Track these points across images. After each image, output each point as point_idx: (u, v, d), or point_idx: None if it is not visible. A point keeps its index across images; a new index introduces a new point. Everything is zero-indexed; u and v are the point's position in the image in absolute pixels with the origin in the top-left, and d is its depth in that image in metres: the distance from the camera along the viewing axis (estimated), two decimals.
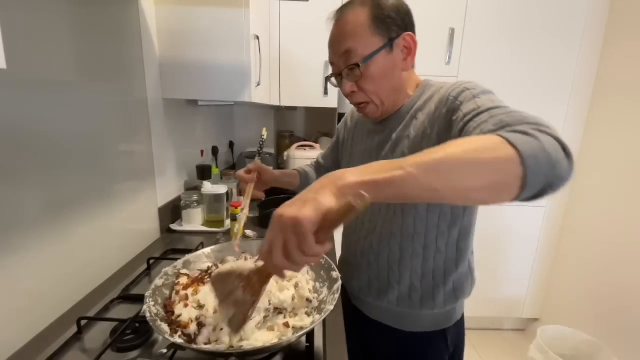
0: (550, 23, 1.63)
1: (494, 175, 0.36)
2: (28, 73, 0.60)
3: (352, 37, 0.62)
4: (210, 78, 1.05)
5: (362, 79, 0.64)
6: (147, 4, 0.98)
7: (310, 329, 0.51)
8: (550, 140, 0.37)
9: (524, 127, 0.39)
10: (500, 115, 0.44)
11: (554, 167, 0.36)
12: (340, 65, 0.66)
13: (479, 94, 0.54)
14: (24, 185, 0.60)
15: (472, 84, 0.57)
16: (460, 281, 0.72)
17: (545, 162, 0.35)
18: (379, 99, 0.67)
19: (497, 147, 0.36)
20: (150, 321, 0.48)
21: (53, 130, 0.67)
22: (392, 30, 0.63)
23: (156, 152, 1.07)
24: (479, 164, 0.36)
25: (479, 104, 0.50)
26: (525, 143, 0.35)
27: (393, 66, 0.65)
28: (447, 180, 0.36)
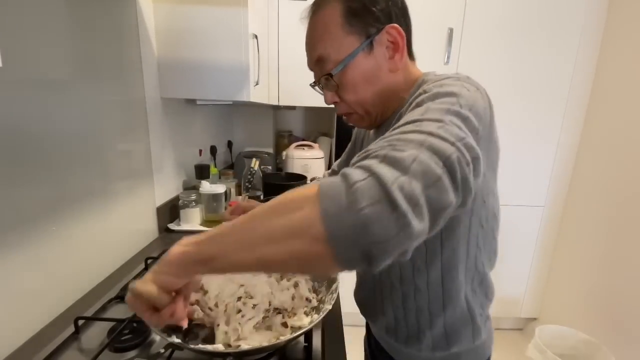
0: (549, 23, 1.64)
1: (293, 241, 0.28)
2: (25, 72, 0.60)
3: (323, 40, 0.52)
4: (209, 78, 1.05)
5: (340, 89, 0.54)
6: (145, 3, 0.98)
7: (308, 329, 0.50)
8: (372, 189, 0.26)
9: (360, 165, 0.29)
10: (381, 141, 0.33)
11: (364, 231, 0.26)
12: (317, 73, 0.57)
13: (424, 100, 0.40)
14: (21, 184, 0.60)
15: (448, 82, 0.44)
16: (455, 327, 0.59)
17: (348, 223, 0.26)
18: (363, 109, 0.56)
19: (302, 202, 0.28)
20: None
21: (50, 130, 0.66)
22: (370, 24, 0.51)
23: (154, 152, 1.07)
24: (278, 225, 0.29)
25: (407, 119, 0.37)
26: (330, 195, 0.27)
27: (376, 68, 0.53)
28: (247, 251, 0.30)
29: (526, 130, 1.75)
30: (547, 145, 1.77)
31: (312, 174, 1.74)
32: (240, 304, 0.55)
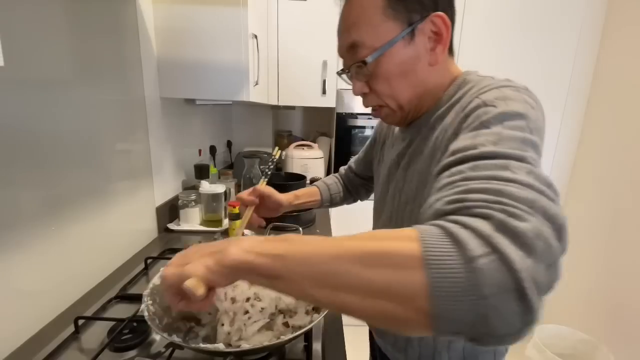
0: (547, 22, 1.64)
1: (388, 303, 0.25)
2: (25, 72, 0.60)
3: (359, 25, 0.47)
4: (208, 77, 1.05)
5: (372, 79, 0.50)
6: (145, 3, 0.98)
7: (308, 328, 0.51)
8: (497, 274, 0.22)
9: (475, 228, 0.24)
10: (475, 183, 0.29)
11: (485, 320, 0.22)
12: (347, 61, 0.51)
13: (492, 120, 0.36)
14: (20, 184, 0.60)
15: (497, 96, 0.40)
16: (475, 351, 0.55)
17: (467, 310, 0.22)
18: (396, 103, 0.51)
19: (404, 262, 0.24)
20: (149, 320, 0.48)
21: (50, 129, 0.66)
22: (414, 10, 0.46)
23: (154, 152, 1.07)
24: (370, 280, 0.25)
25: (477, 143, 0.34)
26: (444, 270, 0.22)
27: (415, 59, 0.48)
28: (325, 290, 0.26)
29: None
30: (546, 145, 1.77)
31: (312, 174, 1.74)
32: (249, 305, 0.54)
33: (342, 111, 1.78)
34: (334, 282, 0.26)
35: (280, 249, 0.28)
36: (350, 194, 0.87)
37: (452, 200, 0.28)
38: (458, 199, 0.28)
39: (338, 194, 0.84)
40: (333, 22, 0.55)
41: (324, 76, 1.71)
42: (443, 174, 0.34)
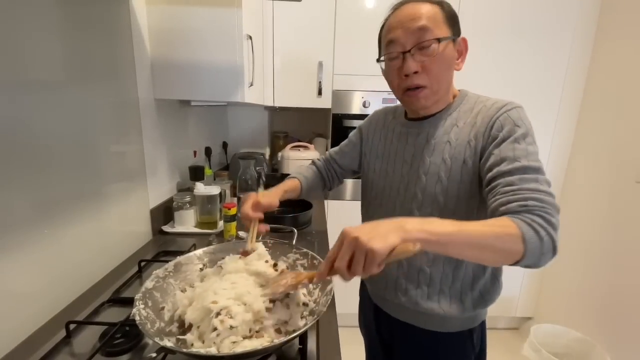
0: (542, 26, 1.65)
1: (503, 257, 0.51)
2: (17, 73, 0.59)
3: (429, 17, 0.63)
4: (203, 78, 1.05)
5: (432, 60, 0.64)
6: (138, 4, 0.97)
7: (302, 331, 0.50)
8: (548, 244, 0.50)
9: (539, 223, 0.50)
10: (526, 193, 0.53)
11: (539, 261, 0.51)
12: (409, 43, 0.64)
13: (519, 138, 0.59)
14: (12, 186, 0.59)
15: (517, 117, 0.62)
16: (487, 287, 0.72)
17: (536, 257, 0.50)
18: (438, 86, 0.67)
19: (515, 241, 0.49)
20: (140, 325, 0.48)
21: (43, 131, 0.65)
22: (455, 29, 0.67)
23: (148, 153, 1.06)
24: (498, 249, 0.49)
25: (516, 155, 0.57)
26: (533, 244, 0.49)
27: (452, 60, 0.67)
28: (475, 253, 0.50)
29: None
30: (541, 146, 1.78)
31: None
32: (218, 321, 0.50)
33: (338, 112, 1.78)
34: (480, 247, 0.49)
35: (446, 229, 0.47)
36: (325, 184, 0.99)
37: (521, 205, 0.52)
38: (524, 205, 0.52)
39: (314, 186, 0.96)
40: (329, 23, 0.59)
41: (319, 77, 1.71)
42: (500, 179, 0.57)
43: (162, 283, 0.63)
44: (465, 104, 0.70)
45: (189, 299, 0.59)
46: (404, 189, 0.73)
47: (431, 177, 0.68)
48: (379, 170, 0.80)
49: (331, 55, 1.69)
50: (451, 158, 0.66)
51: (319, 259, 0.69)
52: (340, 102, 1.76)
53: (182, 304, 0.59)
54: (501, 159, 0.58)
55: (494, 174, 0.58)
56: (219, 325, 0.48)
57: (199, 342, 0.50)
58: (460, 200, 0.66)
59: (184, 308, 0.58)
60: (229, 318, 0.50)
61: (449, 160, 0.67)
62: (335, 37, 1.66)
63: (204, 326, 0.52)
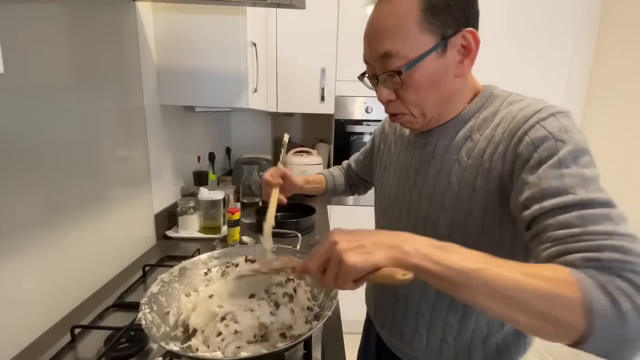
0: (543, 27, 1.66)
1: (549, 328, 0.33)
2: (25, 79, 0.60)
3: (394, 35, 0.48)
4: (208, 84, 1.06)
5: (402, 88, 0.51)
6: (145, 12, 0.99)
7: (307, 336, 0.50)
8: (636, 325, 0.31)
9: (619, 287, 0.32)
10: (598, 238, 0.35)
11: (621, 351, 0.32)
12: (377, 68, 0.52)
13: (567, 159, 0.41)
14: (19, 191, 0.60)
15: (560, 127, 0.43)
16: (507, 342, 0.58)
17: (614, 345, 0.32)
18: (420, 112, 0.53)
19: (569, 306, 0.32)
20: (146, 329, 0.48)
21: (50, 137, 0.66)
22: (448, 25, 0.47)
23: (153, 159, 1.07)
24: (539, 311, 0.33)
25: (567, 185, 0.39)
26: (605, 318, 0.31)
27: (444, 72, 0.50)
28: (499, 307, 0.34)
29: None
30: None
31: None
32: (222, 325, 0.50)
33: (341, 117, 1.79)
34: (508, 303, 0.34)
35: (462, 265, 0.34)
36: (351, 188, 0.93)
37: (589, 258, 0.34)
38: (594, 258, 0.34)
39: (341, 186, 0.91)
40: (331, 30, 0.57)
41: (322, 83, 1.72)
42: (548, 222, 0.39)
43: (167, 287, 0.63)
44: (488, 109, 0.52)
45: (193, 303, 0.59)
46: (406, 212, 0.60)
47: (434, 204, 0.55)
48: (385, 184, 0.68)
49: (334, 61, 1.71)
50: (459, 183, 0.52)
51: None
52: (342, 107, 1.77)
53: (187, 308, 0.59)
54: (542, 192, 0.40)
55: (534, 214, 0.40)
56: (223, 330, 0.49)
57: (204, 347, 0.50)
58: (469, 238, 0.51)
59: (188, 313, 0.58)
60: (233, 323, 0.50)
61: (455, 185, 0.52)
62: (337, 44, 1.68)
63: (208, 331, 0.52)
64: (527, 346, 0.60)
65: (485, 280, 0.34)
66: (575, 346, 0.33)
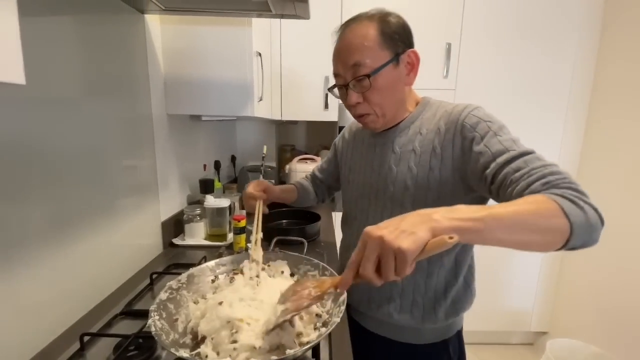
0: (545, 32, 1.67)
1: (549, 237, 0.45)
2: (37, 91, 0.62)
3: (361, 50, 0.64)
4: (215, 94, 1.08)
5: (369, 91, 0.66)
6: (153, 24, 1.02)
7: (316, 342, 0.50)
8: (592, 214, 0.46)
9: (571, 194, 0.46)
10: (542, 170, 0.50)
11: (591, 235, 0.46)
12: (348, 77, 0.67)
13: (498, 131, 0.59)
14: (28, 200, 0.61)
15: (483, 113, 0.62)
16: (459, 295, 0.73)
17: (587, 232, 0.45)
18: (382, 111, 0.69)
19: (555, 215, 0.44)
20: (156, 335, 0.48)
21: (59, 147, 0.68)
22: (398, 46, 0.65)
23: (160, 167, 1.08)
24: (541, 227, 0.44)
25: (506, 146, 0.56)
26: (577, 216, 0.44)
27: (398, 80, 0.67)
28: (514, 236, 0.44)
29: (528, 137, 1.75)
30: (550, 150, 1.77)
31: None
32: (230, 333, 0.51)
33: (345, 124, 1.79)
34: (521, 228, 0.43)
35: (477, 214, 0.42)
36: (317, 195, 1.07)
37: (543, 183, 0.49)
38: (546, 182, 0.49)
39: (309, 194, 1.04)
40: (333, 39, 0.63)
41: (326, 91, 1.74)
42: (506, 168, 0.54)
43: (176, 295, 0.63)
44: (428, 111, 0.71)
45: (202, 310, 0.59)
46: (374, 198, 0.74)
47: (398, 185, 0.70)
48: (352, 182, 0.83)
49: None
50: (417, 166, 0.67)
51: (330, 269, 0.69)
52: (346, 114, 1.79)
53: (195, 315, 0.59)
54: (492, 154, 0.57)
55: (493, 169, 0.56)
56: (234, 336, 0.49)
57: (214, 354, 0.50)
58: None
59: (196, 320, 0.58)
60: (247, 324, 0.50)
61: (414, 169, 0.68)
62: None
63: (218, 337, 0.52)
64: (472, 296, 0.75)
65: (498, 219, 0.42)
66: (566, 246, 0.45)
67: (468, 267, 0.75)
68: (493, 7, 1.66)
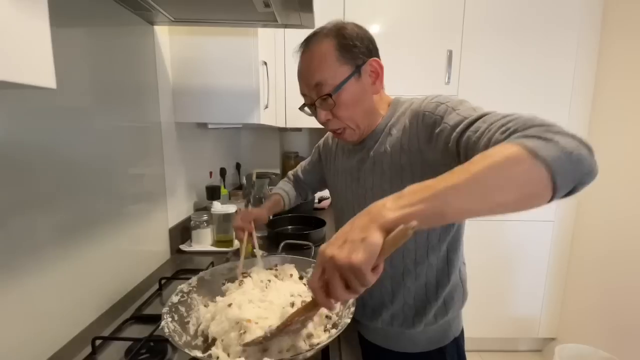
0: (545, 36, 1.68)
1: (525, 188, 0.37)
2: (50, 100, 0.64)
3: (321, 69, 0.64)
4: (222, 102, 1.10)
5: (335, 108, 0.65)
6: (162, 35, 1.05)
7: (327, 343, 0.51)
8: (567, 140, 0.37)
9: (535, 131, 0.39)
10: (501, 121, 0.45)
11: (579, 165, 0.37)
12: (313, 96, 0.67)
13: (456, 105, 0.56)
14: (40, 208, 0.62)
15: (443, 97, 0.60)
16: (451, 294, 0.72)
17: (569, 162, 0.36)
18: (355, 124, 0.68)
19: (520, 158, 0.36)
20: (170, 337, 0.49)
21: (71, 155, 0.69)
22: (358, 58, 0.64)
23: (168, 175, 1.10)
24: (508, 179, 0.36)
25: (465, 115, 0.53)
26: (548, 151, 0.36)
27: (363, 91, 0.66)
28: (483, 202, 0.37)
29: None
30: None
31: (319, 194, 1.75)
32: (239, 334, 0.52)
33: None
34: (488, 191, 0.36)
35: (426, 193, 0.36)
36: (300, 195, 1.06)
37: (502, 131, 0.43)
38: (505, 130, 0.43)
39: (294, 198, 1.03)
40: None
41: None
42: (466, 132, 0.50)
43: (187, 298, 0.64)
44: (398, 110, 0.69)
45: (212, 313, 0.60)
46: (357, 205, 0.73)
47: (376, 191, 0.69)
48: (336, 187, 0.83)
49: None
50: (389, 169, 0.66)
51: None
52: None
53: (205, 318, 0.60)
54: (452, 127, 0.53)
55: (455, 139, 0.52)
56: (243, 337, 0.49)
57: (225, 355, 0.50)
58: None
59: (207, 322, 0.59)
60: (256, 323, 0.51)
61: (388, 171, 0.67)
62: None
63: (228, 339, 0.53)
64: (465, 295, 0.74)
65: (453, 190, 0.36)
66: (556, 192, 0.36)
67: (461, 264, 0.74)
68: (493, 14, 1.69)
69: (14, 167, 0.56)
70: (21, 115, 0.58)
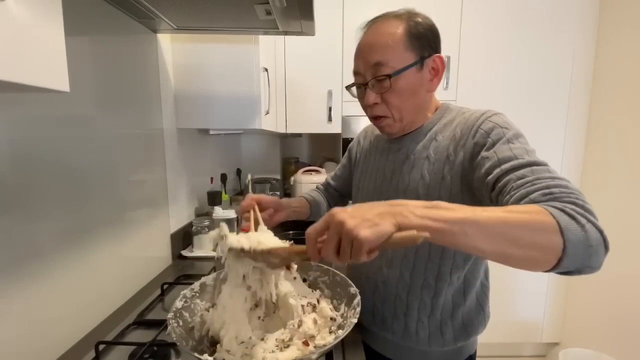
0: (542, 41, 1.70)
1: (535, 253, 0.40)
2: (54, 107, 0.64)
3: (385, 49, 0.61)
4: (223, 108, 1.11)
5: (389, 92, 0.63)
6: (165, 42, 1.06)
7: (333, 345, 0.50)
8: (595, 234, 0.40)
9: (573, 209, 0.41)
10: (547, 182, 0.46)
11: (590, 258, 0.40)
12: (368, 75, 0.64)
13: (512, 138, 0.55)
14: (43, 214, 0.62)
15: (502, 121, 0.58)
16: (470, 316, 0.68)
17: (584, 254, 0.39)
18: (400, 115, 0.65)
19: (548, 229, 0.39)
20: (177, 341, 0.49)
21: (75, 161, 0.70)
22: (425, 49, 0.62)
23: (170, 180, 1.11)
24: (527, 241, 0.39)
25: (516, 154, 0.52)
26: (574, 234, 0.39)
27: (420, 85, 0.64)
28: (494, 247, 0.40)
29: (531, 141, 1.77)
30: (553, 151, 1.77)
31: None
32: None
33: (348, 136, 1.83)
34: (502, 239, 0.39)
35: (453, 216, 0.39)
36: (330, 205, 0.99)
37: (544, 193, 0.44)
38: (548, 193, 0.44)
39: (321, 208, 0.95)
40: (337, 55, 0.64)
41: (329, 104, 1.78)
42: (510, 174, 0.50)
43: (190, 303, 0.64)
44: (446, 117, 0.67)
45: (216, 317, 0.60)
46: (403, 195, 0.69)
47: (410, 194, 0.65)
48: (362, 188, 0.79)
49: (340, 83, 1.77)
50: (430, 174, 0.63)
51: (340, 274, 0.69)
52: (349, 126, 1.82)
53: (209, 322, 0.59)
54: (499, 160, 0.52)
55: (496, 175, 0.51)
56: None
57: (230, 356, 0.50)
58: None
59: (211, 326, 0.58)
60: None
61: (427, 177, 0.64)
62: (343, 67, 1.75)
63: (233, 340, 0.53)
64: (486, 319, 0.70)
65: (478, 225, 0.39)
66: (556, 267, 0.40)
67: (481, 287, 0.70)
68: (490, 19, 1.72)
69: (19, 173, 0.57)
70: (26, 123, 0.58)
